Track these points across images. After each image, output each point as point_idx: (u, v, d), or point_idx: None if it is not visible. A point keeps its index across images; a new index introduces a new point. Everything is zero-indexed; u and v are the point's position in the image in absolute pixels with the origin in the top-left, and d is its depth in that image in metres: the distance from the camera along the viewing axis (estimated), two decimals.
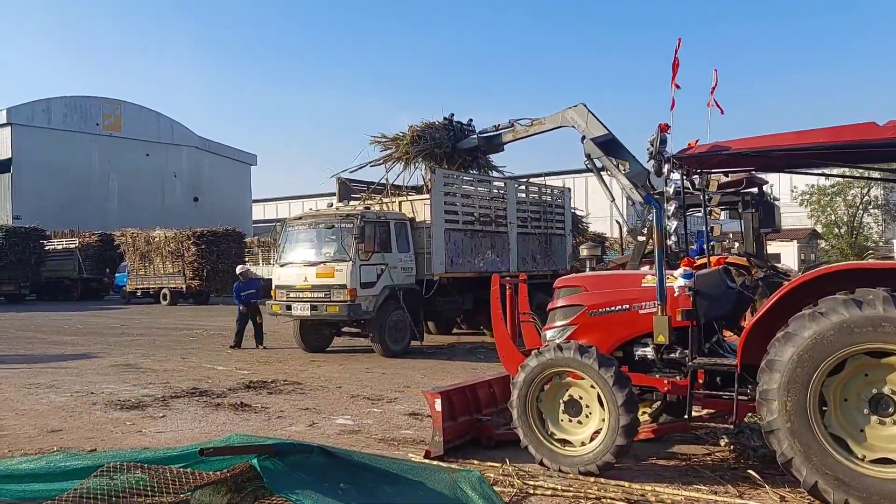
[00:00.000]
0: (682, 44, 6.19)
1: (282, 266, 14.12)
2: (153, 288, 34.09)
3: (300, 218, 14.37)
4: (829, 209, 48.58)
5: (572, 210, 19.36)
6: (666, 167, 5.63)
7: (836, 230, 49.36)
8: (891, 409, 4.70)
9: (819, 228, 48.87)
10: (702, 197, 6.34)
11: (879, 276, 4.83)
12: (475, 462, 6.18)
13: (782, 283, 6.28)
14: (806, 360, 4.78)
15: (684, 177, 5.82)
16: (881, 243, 57.15)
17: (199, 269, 32.25)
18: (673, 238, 5.71)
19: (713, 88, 6.43)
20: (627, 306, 6.08)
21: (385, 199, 14.83)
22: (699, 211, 6.13)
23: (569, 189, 18.38)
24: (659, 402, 6.77)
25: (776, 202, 11.60)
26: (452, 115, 16.10)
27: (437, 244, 13.87)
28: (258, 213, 71.46)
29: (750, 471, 5.62)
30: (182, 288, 33.00)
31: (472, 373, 11.50)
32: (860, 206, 50.75)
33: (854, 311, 4.64)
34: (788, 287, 5.14)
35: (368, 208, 14.08)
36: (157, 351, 15.09)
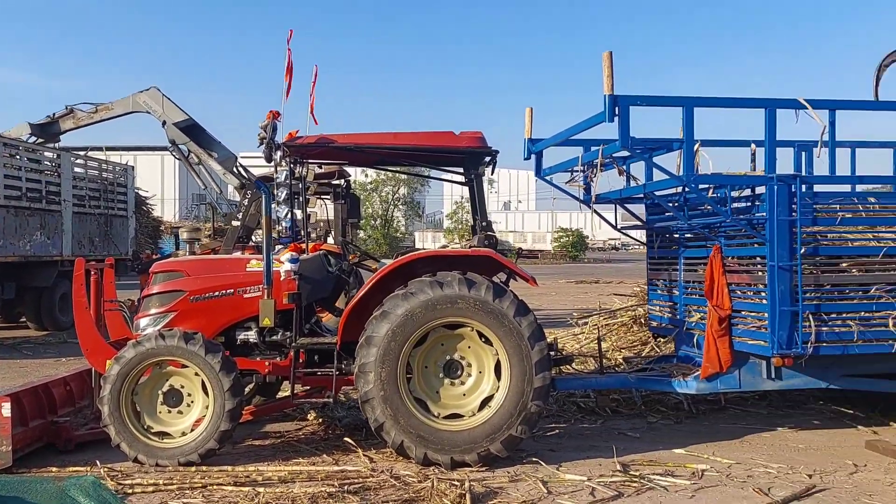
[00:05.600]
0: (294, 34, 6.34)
1: None
2: None
3: None
4: (367, 203, 54.60)
5: (136, 190, 17.96)
6: (278, 154, 5.76)
7: (373, 222, 55.85)
8: (459, 373, 5.69)
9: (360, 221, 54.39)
10: (301, 185, 6.62)
11: (456, 262, 5.78)
12: (54, 469, 5.48)
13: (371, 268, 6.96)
14: (398, 335, 5.47)
15: (291, 165, 6.02)
16: (407, 235, 66.72)
17: None
18: (284, 224, 5.88)
19: (312, 86, 6.72)
20: (232, 291, 6.06)
21: None
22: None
23: (133, 167, 17.02)
24: (252, 385, 6.87)
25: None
26: None
27: None
28: None
29: (346, 439, 6.13)
30: None
31: (22, 371, 9.96)
32: (392, 203, 58.37)
33: (437, 290, 5.48)
34: (384, 271, 5.78)
35: None
36: None
